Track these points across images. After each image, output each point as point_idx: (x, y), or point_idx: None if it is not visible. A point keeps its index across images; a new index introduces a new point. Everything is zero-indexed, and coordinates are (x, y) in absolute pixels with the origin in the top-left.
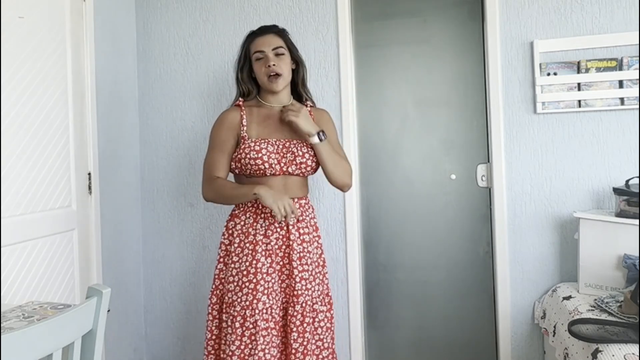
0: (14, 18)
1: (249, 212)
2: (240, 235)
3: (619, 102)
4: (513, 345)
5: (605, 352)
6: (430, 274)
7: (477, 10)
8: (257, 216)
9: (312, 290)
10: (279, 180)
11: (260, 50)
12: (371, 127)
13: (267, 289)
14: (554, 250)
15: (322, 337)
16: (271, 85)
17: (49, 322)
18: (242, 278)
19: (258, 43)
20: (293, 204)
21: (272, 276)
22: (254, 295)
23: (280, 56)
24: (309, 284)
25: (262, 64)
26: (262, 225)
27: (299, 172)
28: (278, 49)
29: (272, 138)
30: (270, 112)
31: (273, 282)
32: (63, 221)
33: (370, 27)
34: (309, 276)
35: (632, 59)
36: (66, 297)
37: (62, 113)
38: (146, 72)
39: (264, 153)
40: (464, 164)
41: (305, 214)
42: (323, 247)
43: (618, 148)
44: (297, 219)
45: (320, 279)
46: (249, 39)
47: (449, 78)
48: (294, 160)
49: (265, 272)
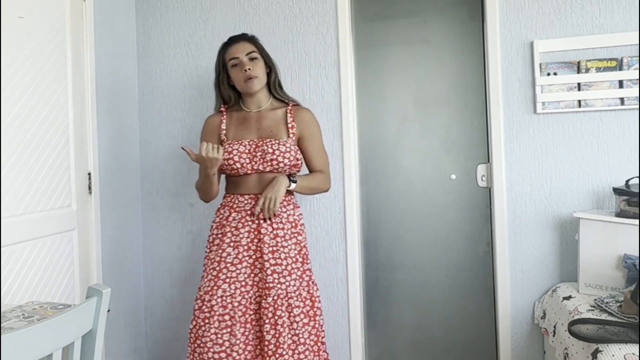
0: (14, 18)
1: (227, 206)
2: (217, 229)
3: (619, 102)
4: (513, 345)
5: (605, 352)
6: (430, 274)
7: (477, 10)
8: (231, 210)
9: (286, 284)
10: (253, 178)
11: (235, 57)
12: (371, 127)
13: (229, 277)
14: (554, 250)
15: (297, 332)
16: (248, 87)
17: (49, 322)
18: (209, 266)
19: (232, 51)
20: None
21: (237, 267)
22: (215, 282)
23: (254, 60)
24: (283, 278)
25: (238, 70)
26: (235, 218)
27: (271, 169)
28: (251, 53)
29: (246, 139)
30: (247, 116)
31: (238, 272)
32: (63, 221)
33: (370, 27)
34: (283, 270)
35: (632, 59)
36: (66, 297)
37: (62, 113)
38: (146, 72)
39: (235, 154)
40: (464, 164)
41: (282, 210)
42: (323, 247)
43: (618, 148)
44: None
45: (298, 274)
46: (222, 50)
47: (449, 78)
48: (264, 158)
49: (230, 262)
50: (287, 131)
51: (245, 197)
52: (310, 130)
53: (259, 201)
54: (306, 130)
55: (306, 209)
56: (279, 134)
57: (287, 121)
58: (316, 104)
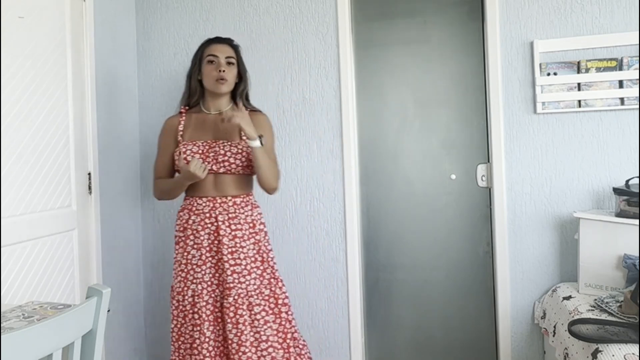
0: (14, 18)
1: (186, 209)
2: (180, 231)
3: (619, 102)
4: (513, 345)
5: (605, 352)
6: (430, 274)
7: (477, 10)
8: (191, 213)
9: (246, 284)
10: (210, 180)
11: (214, 54)
12: (371, 127)
13: (196, 278)
14: (554, 250)
15: (259, 329)
16: (217, 87)
17: (49, 322)
18: (177, 268)
19: (213, 48)
20: (198, 161)
21: (202, 268)
22: (184, 283)
23: (230, 65)
24: (242, 278)
25: (213, 68)
26: (195, 221)
27: (224, 170)
28: (230, 58)
29: (200, 140)
30: (206, 118)
31: (203, 273)
32: (63, 221)
33: (370, 27)
34: (242, 270)
35: (632, 59)
36: (66, 297)
37: (62, 113)
38: (146, 72)
39: (188, 154)
40: (464, 164)
41: (239, 211)
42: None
43: (618, 148)
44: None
45: (258, 273)
46: (205, 45)
47: (449, 78)
48: (216, 159)
49: (195, 263)
50: (241, 134)
51: (203, 200)
52: (267, 136)
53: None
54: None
55: (306, 208)
56: (234, 136)
57: None
58: (316, 104)
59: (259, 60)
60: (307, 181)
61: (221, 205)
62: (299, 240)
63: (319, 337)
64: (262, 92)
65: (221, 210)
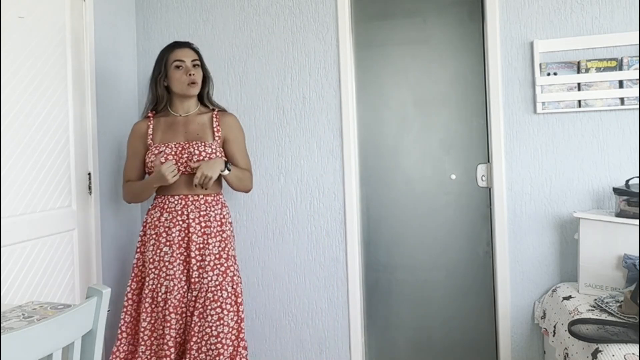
0: (14, 18)
1: (158, 207)
2: (150, 229)
3: (619, 102)
4: (513, 345)
5: (605, 352)
6: (430, 274)
7: (477, 10)
8: (163, 211)
9: (208, 279)
10: (181, 179)
11: (180, 60)
12: (371, 127)
13: (169, 275)
14: (554, 250)
15: (211, 324)
16: (189, 90)
17: (49, 322)
18: (149, 265)
19: (179, 54)
20: (171, 164)
21: (173, 265)
22: (158, 280)
23: (196, 67)
24: (205, 274)
25: (182, 72)
26: (167, 218)
27: None
28: (195, 61)
29: (172, 142)
30: (174, 120)
31: (175, 270)
32: (63, 221)
33: (370, 27)
34: (206, 266)
35: (632, 59)
36: (66, 297)
37: (62, 113)
38: (146, 72)
39: (162, 155)
40: (464, 164)
41: (210, 209)
42: (323, 247)
43: (618, 148)
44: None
45: (221, 270)
46: (168, 50)
47: (449, 78)
48: (190, 160)
49: (167, 260)
50: (212, 134)
51: (175, 198)
52: (234, 134)
53: (197, 174)
54: (231, 133)
55: (306, 208)
56: (205, 136)
57: (213, 125)
58: (316, 104)
59: (259, 60)
60: (307, 181)
61: (193, 203)
62: (299, 240)
63: (319, 337)
64: (262, 92)
65: (193, 208)
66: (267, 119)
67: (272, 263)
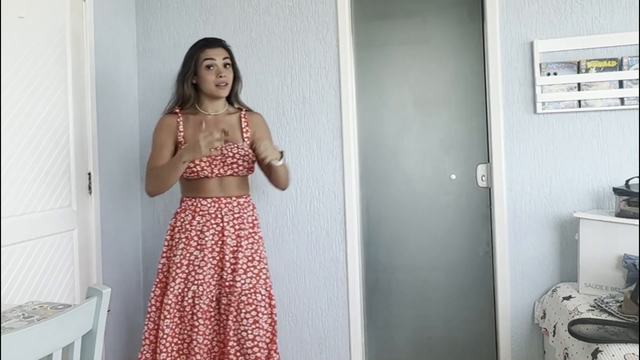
0: (14, 18)
1: (188, 210)
2: (180, 232)
3: (619, 102)
4: (513, 345)
5: (605, 352)
6: (430, 274)
7: (477, 10)
8: (195, 214)
9: (241, 282)
10: (214, 181)
11: (212, 58)
12: (371, 127)
13: (197, 280)
14: (554, 250)
15: (247, 328)
16: (219, 91)
17: (49, 322)
18: (175, 270)
19: (210, 52)
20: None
21: (203, 269)
22: (185, 284)
23: (227, 67)
24: (238, 277)
25: (212, 73)
26: (199, 222)
27: (232, 173)
28: (226, 59)
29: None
30: (204, 119)
31: (205, 274)
32: (63, 221)
33: (370, 27)
34: (239, 269)
35: (632, 59)
36: (66, 297)
37: (62, 113)
38: (146, 71)
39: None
40: (464, 164)
41: (243, 211)
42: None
43: (618, 148)
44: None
45: (255, 272)
46: (199, 48)
47: (449, 78)
48: (224, 162)
49: (197, 264)
50: (242, 135)
51: (208, 201)
52: (263, 133)
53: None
54: (258, 132)
55: (306, 208)
56: (236, 138)
57: (242, 125)
58: (316, 104)
59: (259, 60)
60: (307, 181)
61: (226, 206)
62: (299, 240)
63: (319, 337)
64: (262, 92)
65: (226, 211)
66: (267, 119)
67: (272, 263)
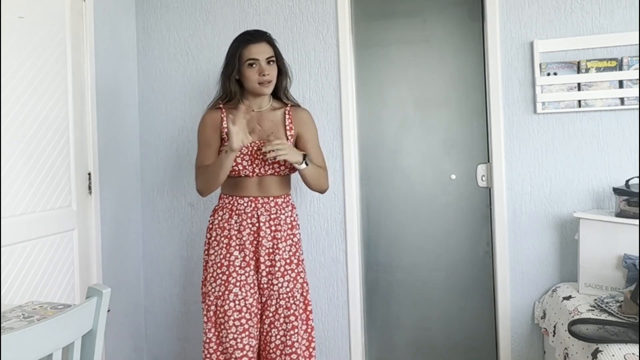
0: (14, 18)
1: (226, 208)
2: (217, 230)
3: (619, 102)
4: (513, 345)
5: (605, 352)
6: (430, 274)
7: (477, 10)
8: (232, 212)
9: (278, 286)
10: (253, 180)
11: (255, 58)
12: (371, 127)
13: (239, 281)
14: (554, 250)
15: (287, 333)
16: (262, 89)
17: (49, 322)
18: (216, 270)
19: (253, 51)
20: (239, 129)
21: (245, 270)
22: (225, 286)
23: (271, 64)
24: (275, 280)
25: (255, 71)
26: (237, 221)
27: (273, 172)
28: (270, 57)
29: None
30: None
31: (247, 275)
32: (63, 221)
33: (370, 27)
34: (276, 272)
35: (632, 59)
36: (66, 297)
37: (62, 113)
38: (146, 72)
39: (237, 155)
40: (464, 164)
41: (280, 211)
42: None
43: (618, 148)
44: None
45: (292, 276)
46: (242, 44)
47: (449, 78)
48: (264, 161)
49: (238, 265)
50: (285, 133)
51: (245, 200)
52: (308, 130)
53: (273, 144)
54: (304, 130)
55: (306, 208)
56: (278, 135)
57: (286, 123)
58: (316, 104)
59: None
60: None
61: (263, 206)
62: None
63: (319, 337)
64: None
65: (263, 211)
66: None
67: None
